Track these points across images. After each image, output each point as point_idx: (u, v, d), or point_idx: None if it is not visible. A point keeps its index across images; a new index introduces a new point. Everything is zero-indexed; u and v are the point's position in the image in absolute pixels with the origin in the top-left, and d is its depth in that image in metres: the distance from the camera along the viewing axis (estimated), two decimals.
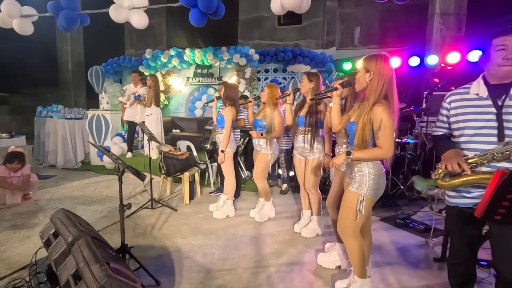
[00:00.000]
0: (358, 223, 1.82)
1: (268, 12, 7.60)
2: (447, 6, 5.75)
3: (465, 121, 1.50)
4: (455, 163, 1.42)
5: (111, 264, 1.55)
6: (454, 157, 1.45)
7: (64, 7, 3.86)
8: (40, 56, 10.04)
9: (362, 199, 1.77)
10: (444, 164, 1.48)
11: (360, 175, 1.79)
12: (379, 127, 1.66)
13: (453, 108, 1.57)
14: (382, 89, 1.68)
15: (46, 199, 4.00)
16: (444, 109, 1.62)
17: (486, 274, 2.23)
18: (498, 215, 1.33)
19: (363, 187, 1.77)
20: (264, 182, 3.31)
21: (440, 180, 1.53)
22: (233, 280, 2.22)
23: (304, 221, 3.09)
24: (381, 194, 1.84)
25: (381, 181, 1.80)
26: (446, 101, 1.61)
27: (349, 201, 1.84)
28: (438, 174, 1.54)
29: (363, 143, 1.72)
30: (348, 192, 1.85)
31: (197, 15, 3.52)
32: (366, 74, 1.72)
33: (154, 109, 5.25)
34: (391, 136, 1.66)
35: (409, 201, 3.99)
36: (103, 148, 2.40)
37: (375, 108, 1.68)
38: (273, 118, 3.07)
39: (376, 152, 1.71)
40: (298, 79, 6.32)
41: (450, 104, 1.59)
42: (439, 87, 4.74)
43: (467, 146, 1.50)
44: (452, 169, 1.44)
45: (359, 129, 1.72)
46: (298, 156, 2.91)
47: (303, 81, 2.77)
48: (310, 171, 2.81)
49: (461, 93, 1.56)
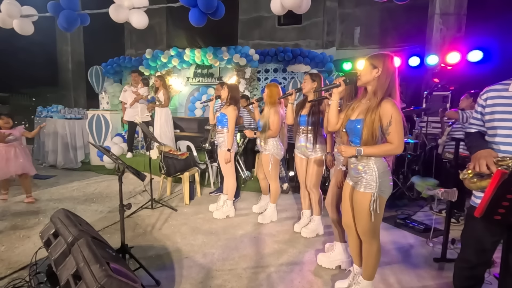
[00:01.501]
0: (375, 223, 1.79)
1: (268, 12, 7.58)
2: (447, 6, 5.75)
3: (500, 120, 1.42)
4: (483, 164, 1.35)
5: (111, 264, 1.55)
6: (483, 158, 1.36)
7: (64, 7, 3.86)
8: (40, 56, 10.03)
9: (376, 198, 1.74)
10: (473, 164, 1.40)
11: (369, 173, 1.75)
12: (390, 122, 1.64)
13: (488, 106, 1.48)
14: (389, 85, 1.70)
15: (46, 199, 4.00)
16: (479, 106, 1.54)
17: (486, 274, 2.23)
18: (498, 215, 1.32)
19: (374, 185, 1.74)
20: (276, 182, 3.30)
21: (468, 181, 1.45)
22: (233, 280, 2.22)
23: (304, 221, 3.09)
24: (390, 191, 1.82)
25: (388, 178, 1.78)
26: (482, 97, 1.52)
27: (360, 203, 1.79)
28: (466, 174, 1.46)
29: (373, 140, 1.69)
30: (357, 193, 1.81)
31: (197, 15, 3.52)
32: (374, 70, 1.73)
33: (164, 110, 5.30)
34: (401, 131, 1.66)
35: (409, 201, 3.99)
36: (103, 148, 2.40)
37: (383, 104, 1.67)
38: (269, 117, 3.08)
39: (387, 147, 1.68)
40: (298, 79, 6.31)
41: (486, 101, 1.50)
42: (439, 87, 4.75)
43: (499, 148, 1.43)
44: (479, 170, 1.36)
45: (368, 125, 1.69)
46: (300, 156, 2.90)
47: (306, 81, 2.77)
48: (312, 170, 2.81)
49: (499, 90, 1.47)
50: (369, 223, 1.78)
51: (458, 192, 2.38)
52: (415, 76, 6.15)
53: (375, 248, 1.86)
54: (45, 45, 9.47)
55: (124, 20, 3.83)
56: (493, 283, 2.09)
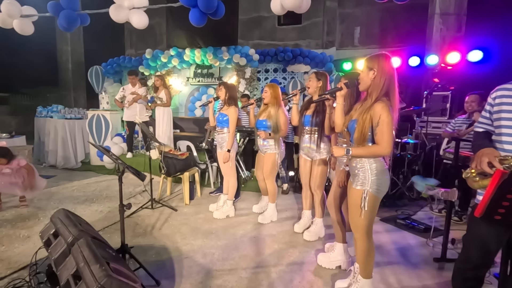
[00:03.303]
0: (364, 220, 1.81)
1: (268, 12, 7.60)
2: (447, 6, 5.75)
3: (506, 119, 1.42)
4: (485, 162, 1.33)
5: (111, 264, 1.55)
6: (485, 155, 1.34)
7: (64, 7, 3.86)
8: (40, 56, 10.04)
9: (366, 195, 1.77)
10: (474, 162, 1.39)
11: (363, 171, 1.79)
12: (378, 123, 1.67)
13: (496, 104, 1.47)
14: (384, 86, 1.71)
15: (46, 199, 4.00)
16: (489, 105, 1.53)
17: (486, 274, 2.23)
18: (498, 215, 1.32)
19: (366, 183, 1.78)
20: (273, 182, 3.32)
21: (471, 180, 1.45)
22: (233, 280, 2.22)
23: (304, 221, 3.08)
24: (385, 190, 1.84)
25: (384, 177, 1.79)
26: (492, 96, 1.51)
27: (353, 199, 1.84)
28: (469, 172, 1.46)
29: (362, 139, 1.73)
30: (352, 190, 1.86)
31: (197, 15, 3.52)
32: (370, 72, 1.75)
33: (166, 109, 5.30)
34: (389, 133, 1.67)
35: (409, 201, 3.99)
36: (103, 148, 2.40)
37: (375, 105, 1.70)
38: (278, 118, 3.08)
39: (373, 149, 1.72)
40: (298, 79, 6.31)
41: (494, 100, 1.49)
42: (439, 87, 4.74)
43: (505, 147, 1.42)
44: (481, 168, 1.35)
45: (359, 125, 1.73)
46: (304, 157, 2.89)
47: (311, 80, 2.73)
48: (317, 172, 2.80)
49: (509, 89, 1.44)
50: (359, 219, 1.82)
51: (462, 191, 2.37)
52: (415, 76, 6.15)
53: (366, 246, 1.88)
54: (45, 45, 9.48)
55: (124, 20, 3.83)
56: (493, 283, 2.09)
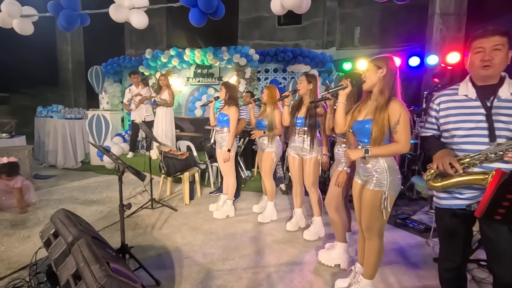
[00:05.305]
0: (384, 220, 1.82)
1: (268, 12, 7.59)
2: (447, 6, 5.75)
3: (456, 122, 1.49)
4: (447, 163, 1.41)
5: (111, 264, 1.55)
6: (446, 157, 1.43)
7: (64, 7, 3.86)
8: (40, 56, 10.04)
9: (386, 196, 1.76)
10: (435, 164, 1.46)
11: (379, 172, 1.78)
12: (398, 121, 1.68)
13: (442, 110, 1.56)
14: (394, 84, 1.75)
15: (46, 199, 4.00)
16: (433, 111, 1.61)
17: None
18: (498, 215, 1.32)
19: (385, 184, 1.77)
20: (271, 180, 3.34)
21: (431, 181, 1.51)
22: (233, 280, 2.22)
23: (296, 219, 3.11)
24: (399, 189, 1.85)
25: (397, 176, 1.81)
26: (435, 102, 1.60)
27: (370, 200, 1.81)
28: (430, 174, 1.52)
29: (381, 139, 1.73)
30: (367, 190, 1.83)
31: (197, 15, 3.52)
32: (379, 71, 1.77)
33: (169, 109, 5.31)
34: (408, 131, 1.69)
35: (409, 201, 3.99)
36: (103, 148, 2.40)
37: (392, 103, 1.71)
38: (273, 117, 3.15)
39: (394, 147, 1.73)
40: (298, 79, 6.30)
41: (439, 106, 1.58)
42: (439, 87, 4.73)
43: (459, 147, 1.49)
44: (444, 169, 1.42)
45: (378, 123, 1.72)
46: (293, 155, 2.92)
47: (302, 82, 2.76)
48: (309, 170, 2.81)
49: (450, 94, 1.55)
50: (378, 220, 1.82)
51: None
52: (415, 76, 6.15)
53: (378, 246, 1.88)
54: (45, 45, 9.48)
55: (124, 20, 3.83)
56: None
